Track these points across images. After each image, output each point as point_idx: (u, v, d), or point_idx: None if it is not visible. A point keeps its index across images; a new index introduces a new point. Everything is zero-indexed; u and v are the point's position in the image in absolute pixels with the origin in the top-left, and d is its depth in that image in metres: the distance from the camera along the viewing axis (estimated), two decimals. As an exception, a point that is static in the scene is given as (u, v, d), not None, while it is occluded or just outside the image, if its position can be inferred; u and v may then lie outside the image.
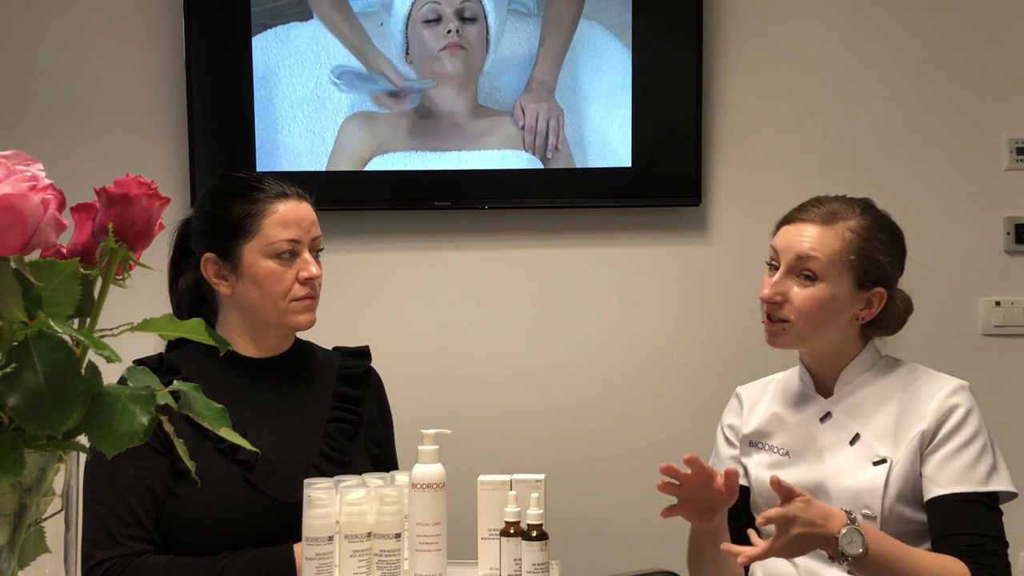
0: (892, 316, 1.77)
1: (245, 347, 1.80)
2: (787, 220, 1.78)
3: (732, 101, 2.72)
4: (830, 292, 1.70)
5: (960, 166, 2.70)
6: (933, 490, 1.66)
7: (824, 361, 1.78)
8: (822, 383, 1.79)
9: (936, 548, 1.64)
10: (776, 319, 1.74)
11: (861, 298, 1.73)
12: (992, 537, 1.63)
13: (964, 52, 2.70)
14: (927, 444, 1.68)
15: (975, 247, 2.70)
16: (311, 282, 1.76)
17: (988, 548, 1.61)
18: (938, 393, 1.70)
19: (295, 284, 1.75)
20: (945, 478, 1.65)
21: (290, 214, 1.76)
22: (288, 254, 1.75)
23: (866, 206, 1.77)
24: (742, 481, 1.85)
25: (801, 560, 1.73)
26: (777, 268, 1.75)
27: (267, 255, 1.74)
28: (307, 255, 1.76)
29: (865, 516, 1.67)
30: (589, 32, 2.66)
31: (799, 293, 1.71)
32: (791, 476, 1.75)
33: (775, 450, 1.80)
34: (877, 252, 1.73)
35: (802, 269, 1.71)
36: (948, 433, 1.67)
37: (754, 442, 1.84)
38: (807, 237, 1.72)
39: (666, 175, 2.69)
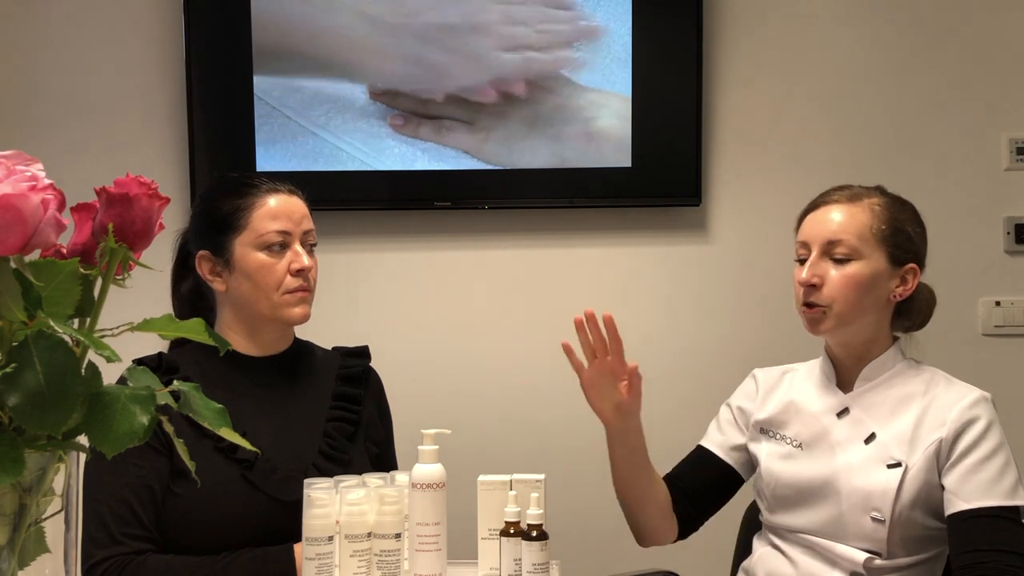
0: (921, 305, 1.77)
1: (242, 344, 1.80)
2: (811, 208, 1.76)
3: (732, 101, 2.72)
4: (868, 269, 1.69)
5: (960, 166, 2.70)
6: (957, 504, 1.61)
7: (852, 352, 1.75)
8: (844, 377, 1.76)
9: (958, 564, 1.60)
10: (814, 304, 1.71)
11: (896, 275, 1.72)
12: (1017, 554, 1.58)
13: (964, 52, 2.70)
14: (945, 454, 1.64)
15: (975, 247, 2.70)
16: (303, 274, 1.76)
17: (1012, 567, 1.56)
18: (960, 402, 1.66)
19: (287, 276, 1.75)
20: (969, 492, 1.61)
21: (279, 207, 1.77)
22: (278, 246, 1.75)
23: (882, 189, 1.78)
24: (738, 466, 1.85)
25: (801, 560, 1.73)
26: (807, 259, 1.73)
27: (257, 247, 1.75)
28: (298, 247, 1.77)
29: (874, 519, 1.64)
30: (588, 32, 2.66)
31: (836, 274, 1.69)
32: (802, 468, 1.73)
33: (787, 440, 1.77)
34: (906, 224, 1.73)
35: (836, 250, 1.70)
36: (969, 445, 1.63)
37: (766, 430, 1.80)
38: (835, 218, 1.71)
39: (666, 175, 2.68)
